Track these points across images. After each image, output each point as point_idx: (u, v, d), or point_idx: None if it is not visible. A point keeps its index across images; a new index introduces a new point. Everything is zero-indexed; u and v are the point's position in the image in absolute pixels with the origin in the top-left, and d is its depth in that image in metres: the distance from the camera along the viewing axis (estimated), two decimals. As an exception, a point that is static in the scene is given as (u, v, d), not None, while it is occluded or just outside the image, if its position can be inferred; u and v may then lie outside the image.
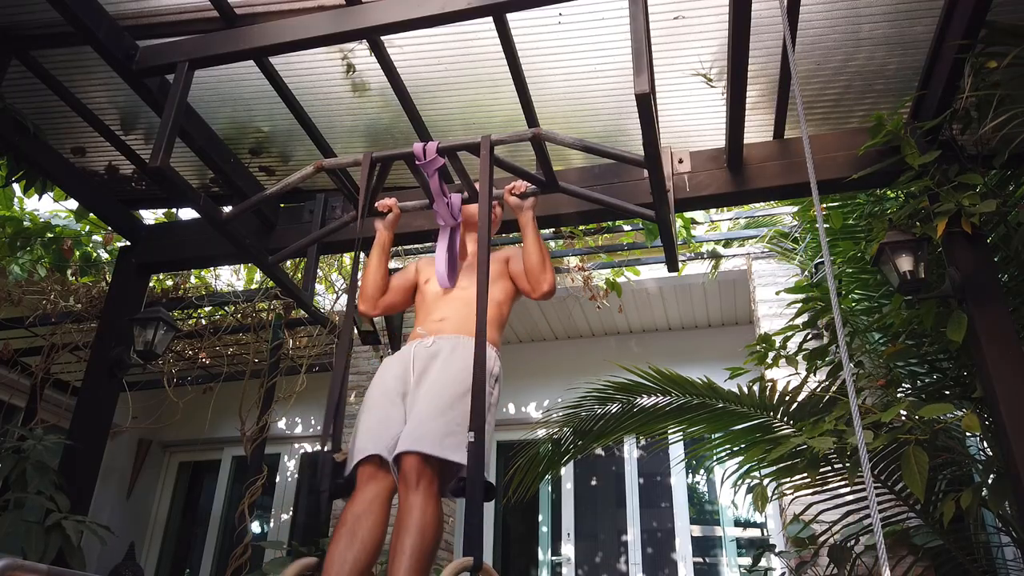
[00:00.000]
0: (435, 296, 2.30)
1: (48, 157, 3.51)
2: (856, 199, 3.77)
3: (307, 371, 5.46)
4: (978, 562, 3.38)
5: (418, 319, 2.30)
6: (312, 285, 3.06)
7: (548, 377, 6.07)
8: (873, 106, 3.24)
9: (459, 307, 2.21)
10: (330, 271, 6.13)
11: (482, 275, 1.74)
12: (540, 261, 2.24)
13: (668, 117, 3.33)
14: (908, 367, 3.61)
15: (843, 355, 1.44)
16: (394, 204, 2.40)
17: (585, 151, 2.12)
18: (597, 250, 5.33)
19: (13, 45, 3.05)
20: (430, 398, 1.97)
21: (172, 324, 3.87)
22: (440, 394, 1.97)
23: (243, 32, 2.54)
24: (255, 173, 3.82)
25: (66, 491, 3.10)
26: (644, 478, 5.86)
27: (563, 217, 3.47)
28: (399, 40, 3.01)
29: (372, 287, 2.36)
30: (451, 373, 2.01)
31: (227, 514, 6.63)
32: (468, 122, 3.47)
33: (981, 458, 3.39)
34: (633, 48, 1.81)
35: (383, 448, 1.92)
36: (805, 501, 3.90)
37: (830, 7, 2.84)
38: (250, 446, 4.86)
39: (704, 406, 3.47)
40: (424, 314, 2.29)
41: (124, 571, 5.57)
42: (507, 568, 5.99)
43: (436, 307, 2.27)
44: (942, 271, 3.14)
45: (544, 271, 2.24)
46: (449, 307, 2.24)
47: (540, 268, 2.23)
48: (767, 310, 5.00)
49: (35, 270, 5.14)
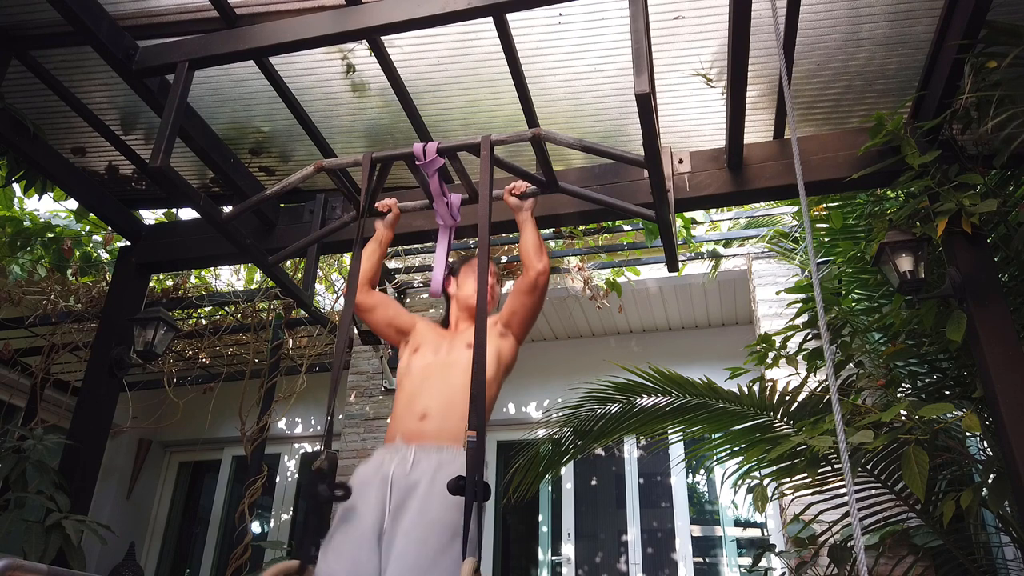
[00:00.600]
0: (420, 373, 2.10)
1: (48, 157, 3.51)
2: (856, 199, 3.77)
3: (307, 371, 5.46)
4: (978, 562, 3.38)
5: (397, 401, 2.09)
6: (312, 285, 3.07)
7: (548, 377, 6.07)
8: (873, 106, 3.24)
9: (443, 395, 1.99)
10: (330, 271, 6.13)
11: (482, 274, 1.74)
12: (536, 246, 2.20)
13: (668, 117, 3.33)
14: (908, 367, 3.61)
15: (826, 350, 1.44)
16: (394, 204, 2.40)
17: (585, 151, 2.12)
18: (597, 250, 5.33)
19: (13, 45, 3.05)
20: (411, 552, 1.69)
21: (172, 324, 3.87)
22: (422, 544, 1.70)
23: (243, 32, 2.54)
24: (255, 173, 3.82)
25: (66, 491, 3.10)
26: (644, 478, 5.86)
27: (563, 217, 3.47)
28: (399, 40, 3.01)
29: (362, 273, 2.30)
30: (433, 515, 1.73)
31: (227, 514, 6.63)
32: (468, 122, 3.47)
33: (981, 458, 3.39)
34: (633, 48, 1.81)
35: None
36: (805, 501, 3.90)
37: (830, 7, 2.84)
38: (250, 446, 4.86)
39: (704, 406, 3.47)
40: (404, 399, 2.06)
41: (124, 571, 5.57)
42: (507, 568, 5.99)
43: (419, 391, 2.05)
44: (942, 271, 3.14)
45: (540, 253, 2.19)
46: (432, 393, 2.02)
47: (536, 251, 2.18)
48: (767, 310, 5.00)
49: (35, 270, 5.14)
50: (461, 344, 2.14)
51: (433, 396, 2.01)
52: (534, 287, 2.20)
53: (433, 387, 2.04)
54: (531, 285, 2.19)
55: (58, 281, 5.27)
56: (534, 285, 2.19)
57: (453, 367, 2.05)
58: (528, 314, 2.22)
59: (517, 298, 2.22)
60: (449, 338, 2.22)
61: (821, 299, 1.49)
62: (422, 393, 2.04)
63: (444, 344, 2.18)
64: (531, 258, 2.19)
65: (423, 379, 2.08)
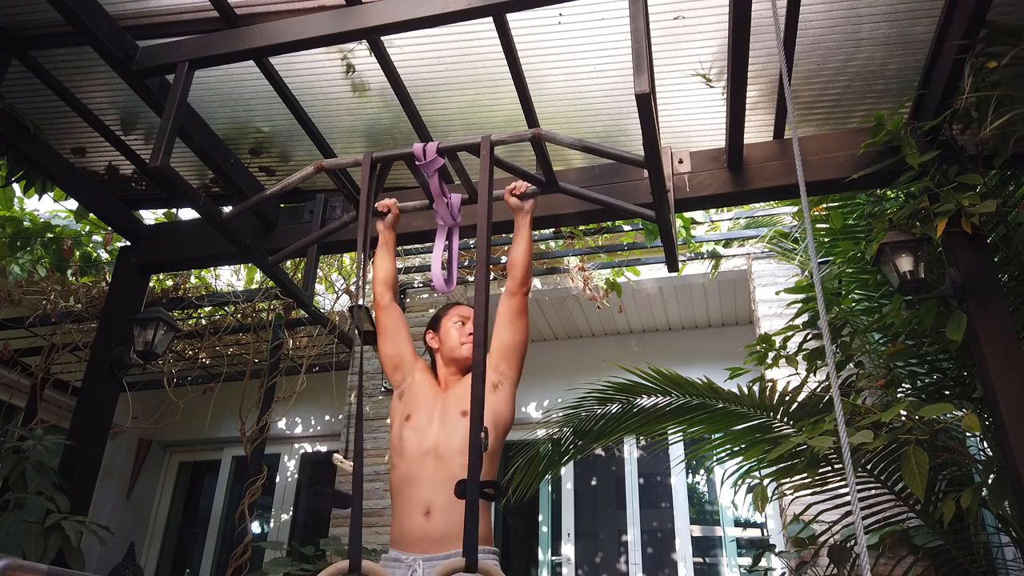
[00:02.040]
0: (416, 455, 1.99)
1: (48, 157, 3.51)
2: (856, 199, 3.77)
3: (307, 371, 5.46)
4: (978, 562, 3.38)
5: (395, 488, 2.00)
6: (312, 285, 3.06)
7: (548, 377, 6.07)
8: (873, 106, 3.24)
9: (444, 486, 1.88)
10: (330, 271, 6.13)
11: (481, 275, 1.74)
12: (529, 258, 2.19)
13: (668, 117, 3.33)
14: (908, 367, 3.61)
15: (827, 350, 1.44)
16: (393, 204, 2.40)
17: (585, 151, 2.12)
18: (597, 250, 5.33)
19: (13, 45, 3.05)
20: None
21: (172, 324, 3.87)
22: None
23: (243, 32, 2.54)
24: (255, 173, 3.82)
25: (66, 491, 3.10)
26: (644, 478, 5.86)
27: (563, 217, 3.47)
28: (399, 40, 3.01)
29: (382, 274, 2.32)
30: None
31: (227, 514, 6.63)
32: (468, 122, 3.47)
33: (981, 458, 3.39)
34: (633, 48, 1.81)
35: None
36: (805, 501, 3.90)
37: (830, 7, 2.84)
38: (250, 446, 4.86)
39: (704, 406, 3.47)
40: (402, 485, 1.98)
41: (124, 571, 5.57)
42: (507, 568, 5.98)
43: (418, 478, 1.96)
44: (942, 271, 3.14)
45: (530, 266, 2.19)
46: (433, 485, 1.93)
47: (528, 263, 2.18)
48: (767, 310, 5.00)
49: (35, 270, 5.14)
50: (455, 412, 2.05)
51: (434, 488, 1.93)
52: (523, 309, 2.17)
53: (433, 477, 1.95)
54: (521, 307, 2.16)
55: (58, 281, 5.27)
56: (523, 307, 2.16)
57: (450, 441, 1.98)
58: (521, 343, 2.16)
59: (510, 327, 2.15)
60: (441, 402, 2.12)
61: (823, 299, 1.49)
62: (421, 483, 1.96)
63: (436, 411, 2.09)
64: (523, 271, 2.17)
65: (420, 464, 1.99)
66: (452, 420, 2.04)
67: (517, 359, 2.16)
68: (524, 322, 2.17)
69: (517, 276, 2.18)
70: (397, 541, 1.96)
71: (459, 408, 2.05)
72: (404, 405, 2.16)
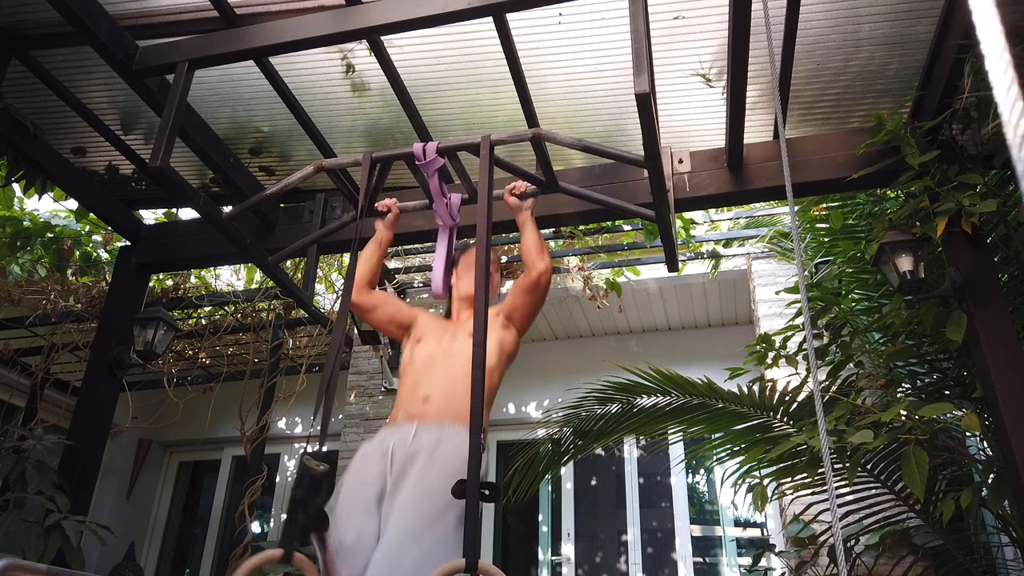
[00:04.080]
0: (423, 362, 2.14)
1: (48, 157, 3.51)
2: (856, 199, 3.77)
3: (307, 371, 5.47)
4: (978, 562, 3.38)
5: (401, 389, 2.14)
6: (312, 285, 3.07)
7: (548, 377, 6.07)
8: (873, 106, 3.24)
9: (446, 381, 2.03)
10: (330, 271, 6.13)
11: (480, 273, 1.74)
12: (538, 246, 2.21)
13: (668, 117, 3.33)
14: (908, 367, 3.61)
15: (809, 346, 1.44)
16: (393, 204, 2.40)
17: (585, 151, 2.12)
18: (597, 250, 5.33)
19: (13, 45, 3.05)
20: (407, 514, 1.76)
21: (172, 324, 3.87)
22: (418, 509, 1.76)
23: (243, 32, 2.54)
24: (255, 173, 3.82)
25: (66, 491, 3.10)
26: (644, 478, 5.86)
27: (563, 217, 3.47)
28: (399, 40, 3.01)
29: (365, 274, 2.31)
30: (430, 482, 1.79)
31: (227, 514, 6.63)
32: (468, 122, 3.47)
33: (981, 458, 3.39)
34: (633, 48, 1.81)
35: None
36: (805, 501, 3.90)
37: (830, 7, 2.84)
38: (250, 446, 4.87)
39: (704, 406, 3.47)
40: (408, 386, 2.11)
41: (124, 571, 5.57)
42: (507, 568, 5.99)
43: (422, 378, 2.09)
44: (942, 271, 3.13)
45: (541, 253, 2.21)
46: (435, 380, 2.06)
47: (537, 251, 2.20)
48: (767, 310, 5.00)
49: (35, 270, 5.14)
50: (464, 333, 2.13)
51: (436, 382, 2.05)
52: (536, 286, 2.21)
53: (436, 374, 2.07)
54: (533, 284, 2.21)
55: (58, 281, 5.27)
56: (536, 284, 2.21)
57: (456, 356, 2.08)
58: (530, 311, 2.25)
59: (519, 296, 2.24)
60: (452, 328, 2.23)
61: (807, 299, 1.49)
62: (425, 380, 2.07)
63: (447, 334, 2.20)
64: (533, 258, 2.20)
65: (426, 367, 2.11)
66: (461, 340, 2.13)
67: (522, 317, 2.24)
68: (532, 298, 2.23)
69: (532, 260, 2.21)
70: (392, 421, 2.06)
71: (468, 331, 2.10)
72: (414, 333, 2.25)
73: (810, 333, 1.52)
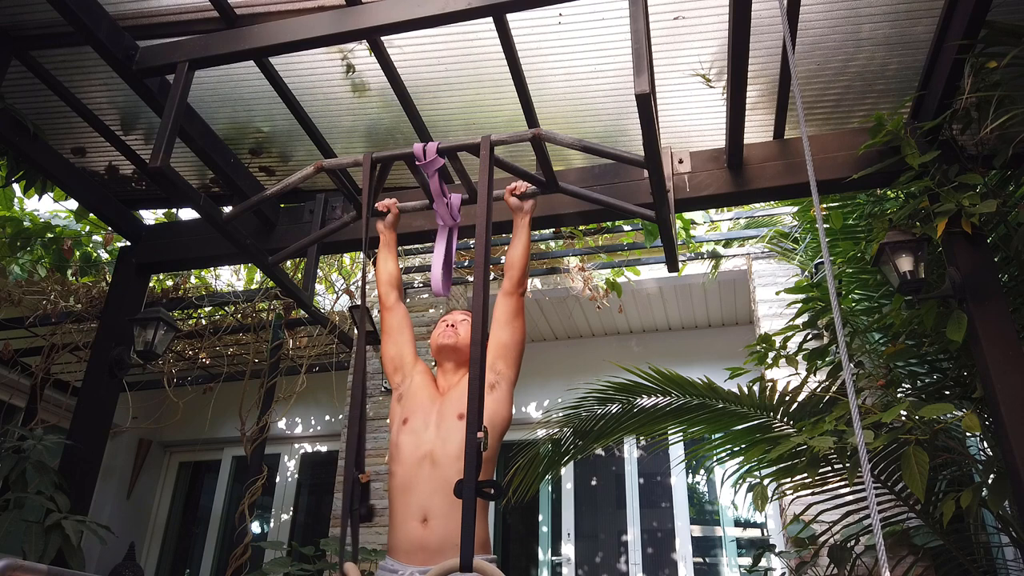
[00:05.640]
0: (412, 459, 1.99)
1: (48, 157, 3.51)
2: (856, 199, 3.77)
3: (307, 371, 5.47)
4: (978, 562, 3.38)
5: (392, 493, 1.99)
6: (312, 285, 3.06)
7: (548, 377, 6.07)
8: (873, 106, 3.24)
9: (442, 490, 1.87)
10: (330, 271, 6.13)
11: (480, 276, 1.74)
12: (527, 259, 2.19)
13: (668, 117, 3.33)
14: (908, 367, 3.61)
15: (842, 348, 1.44)
16: (394, 204, 2.40)
17: (585, 151, 2.12)
18: (597, 250, 5.33)
19: (13, 45, 3.05)
20: None
21: (172, 324, 3.87)
22: None
23: (243, 32, 2.54)
24: (255, 173, 3.82)
25: (66, 491, 3.10)
26: (644, 478, 5.86)
27: (563, 217, 3.47)
28: (399, 40, 3.01)
29: (386, 275, 2.30)
30: None
31: (227, 514, 6.64)
32: (468, 122, 3.47)
33: (981, 458, 3.39)
34: (633, 48, 1.81)
35: None
36: (805, 501, 3.90)
37: (830, 8, 2.84)
38: (250, 446, 4.87)
39: (704, 406, 3.47)
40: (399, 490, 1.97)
41: (124, 571, 5.57)
42: (507, 568, 5.99)
43: (414, 484, 1.94)
44: (942, 271, 3.14)
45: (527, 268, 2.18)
46: (430, 490, 1.91)
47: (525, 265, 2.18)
48: (767, 310, 5.00)
49: (35, 270, 5.15)
50: (452, 416, 2.03)
51: (429, 494, 1.91)
52: (520, 310, 2.15)
53: (428, 482, 1.93)
54: (518, 308, 2.15)
55: (58, 281, 5.27)
56: (519, 308, 2.15)
57: (447, 446, 1.97)
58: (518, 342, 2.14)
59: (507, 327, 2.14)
60: (439, 406, 2.09)
61: (837, 298, 1.49)
62: (417, 489, 1.94)
63: (433, 416, 2.07)
64: (520, 272, 2.16)
65: (416, 470, 1.97)
66: (448, 424, 2.02)
67: (514, 358, 2.14)
68: (521, 322, 2.16)
69: (514, 276, 2.17)
70: (394, 550, 1.94)
71: (455, 411, 2.03)
72: (402, 408, 2.14)
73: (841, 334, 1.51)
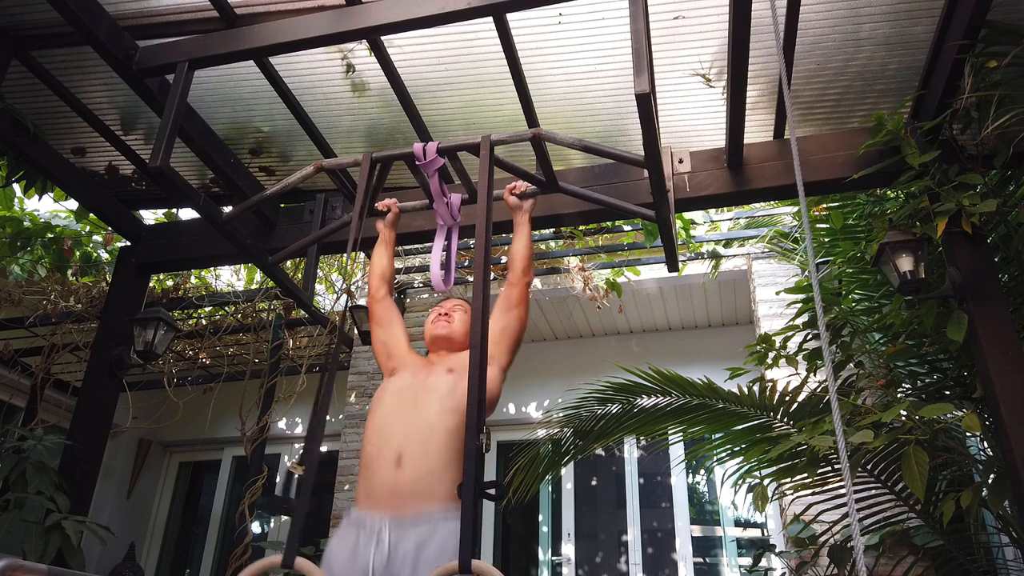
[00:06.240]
0: (394, 397, 1.98)
1: (48, 157, 3.51)
2: (856, 199, 3.77)
3: (307, 371, 5.47)
4: (978, 562, 3.38)
5: (368, 432, 1.95)
6: (312, 285, 3.07)
7: (548, 377, 6.07)
8: (873, 106, 3.24)
9: (419, 429, 1.86)
10: (330, 271, 6.13)
11: (480, 275, 1.74)
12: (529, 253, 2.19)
13: (668, 117, 3.33)
14: (908, 367, 3.61)
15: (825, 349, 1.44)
16: (393, 204, 2.40)
17: (585, 151, 2.12)
18: (597, 250, 5.33)
19: (13, 45, 3.05)
20: None
21: (172, 324, 3.87)
22: None
23: (243, 32, 2.54)
24: (255, 173, 3.82)
25: (66, 491, 3.10)
26: (644, 478, 5.86)
27: (563, 217, 3.47)
28: (399, 40, 3.01)
29: (379, 269, 2.30)
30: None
31: (227, 514, 6.63)
32: (468, 122, 3.47)
33: (981, 458, 3.39)
34: (633, 48, 1.81)
35: None
36: (805, 501, 3.90)
37: (830, 8, 2.84)
38: (250, 446, 4.87)
39: (704, 406, 3.47)
40: (375, 429, 1.93)
41: (124, 571, 5.57)
42: (507, 568, 5.99)
43: (391, 421, 1.92)
44: (942, 271, 3.13)
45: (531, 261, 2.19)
46: (407, 426, 1.89)
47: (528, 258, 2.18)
48: (767, 310, 5.00)
49: (35, 270, 5.15)
50: (441, 369, 2.02)
51: (407, 434, 1.87)
52: (522, 299, 2.15)
53: (406, 418, 1.91)
54: (521, 296, 2.15)
55: (58, 281, 5.27)
56: (523, 296, 2.15)
57: (430, 392, 1.95)
58: (516, 329, 2.13)
59: (506, 313, 2.13)
60: (428, 369, 2.08)
61: (820, 297, 1.50)
62: (394, 424, 1.91)
63: (423, 370, 2.07)
64: (523, 264, 2.17)
65: (397, 405, 1.95)
66: (437, 375, 2.01)
67: (508, 344, 2.10)
68: (522, 311, 2.15)
69: (517, 268, 2.17)
70: (364, 497, 1.86)
71: (446, 367, 2.03)
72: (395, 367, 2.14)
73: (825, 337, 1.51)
